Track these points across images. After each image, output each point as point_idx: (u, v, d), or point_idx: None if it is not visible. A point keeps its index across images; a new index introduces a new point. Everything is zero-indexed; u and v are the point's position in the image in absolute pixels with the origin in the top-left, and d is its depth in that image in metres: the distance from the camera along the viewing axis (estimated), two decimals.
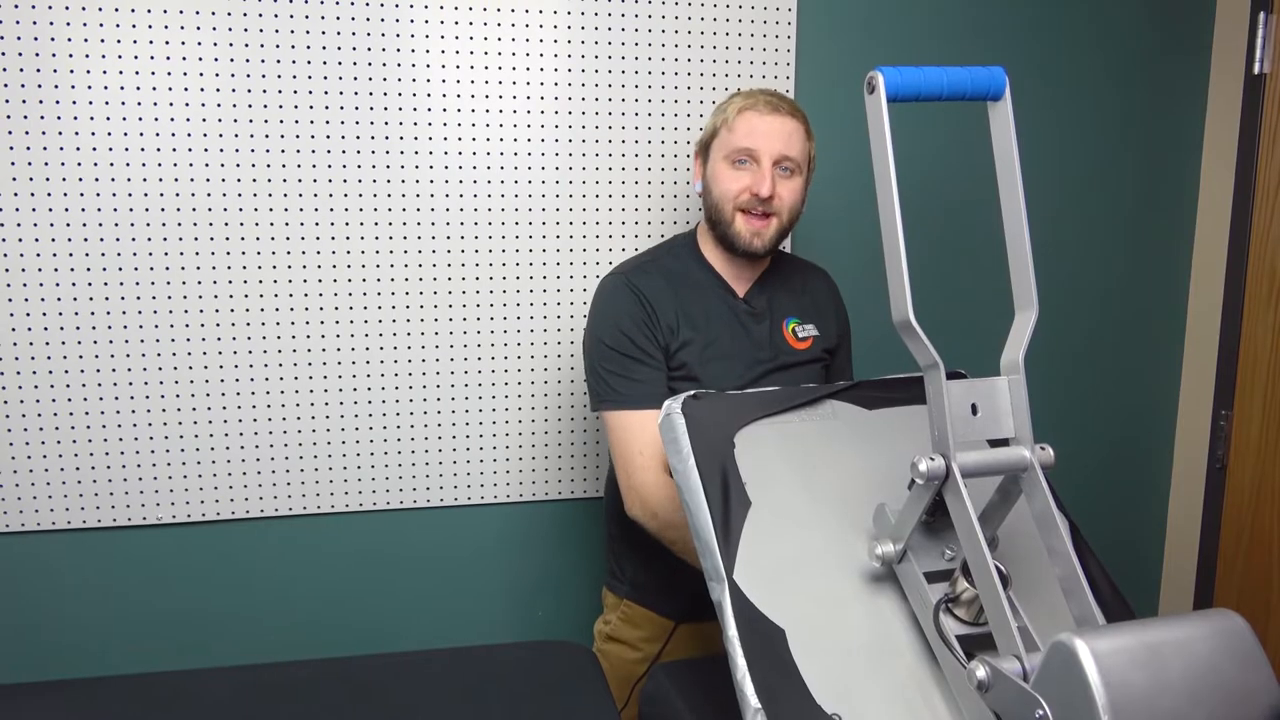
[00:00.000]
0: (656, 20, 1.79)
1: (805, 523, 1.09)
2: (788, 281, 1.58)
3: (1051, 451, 0.96)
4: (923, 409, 0.96)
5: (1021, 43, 2.00)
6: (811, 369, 1.56)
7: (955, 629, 0.97)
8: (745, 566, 1.04)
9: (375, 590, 1.86)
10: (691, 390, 1.18)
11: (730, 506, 1.07)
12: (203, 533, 1.76)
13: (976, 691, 0.89)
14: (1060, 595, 0.95)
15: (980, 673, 0.88)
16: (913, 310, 0.92)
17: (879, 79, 0.92)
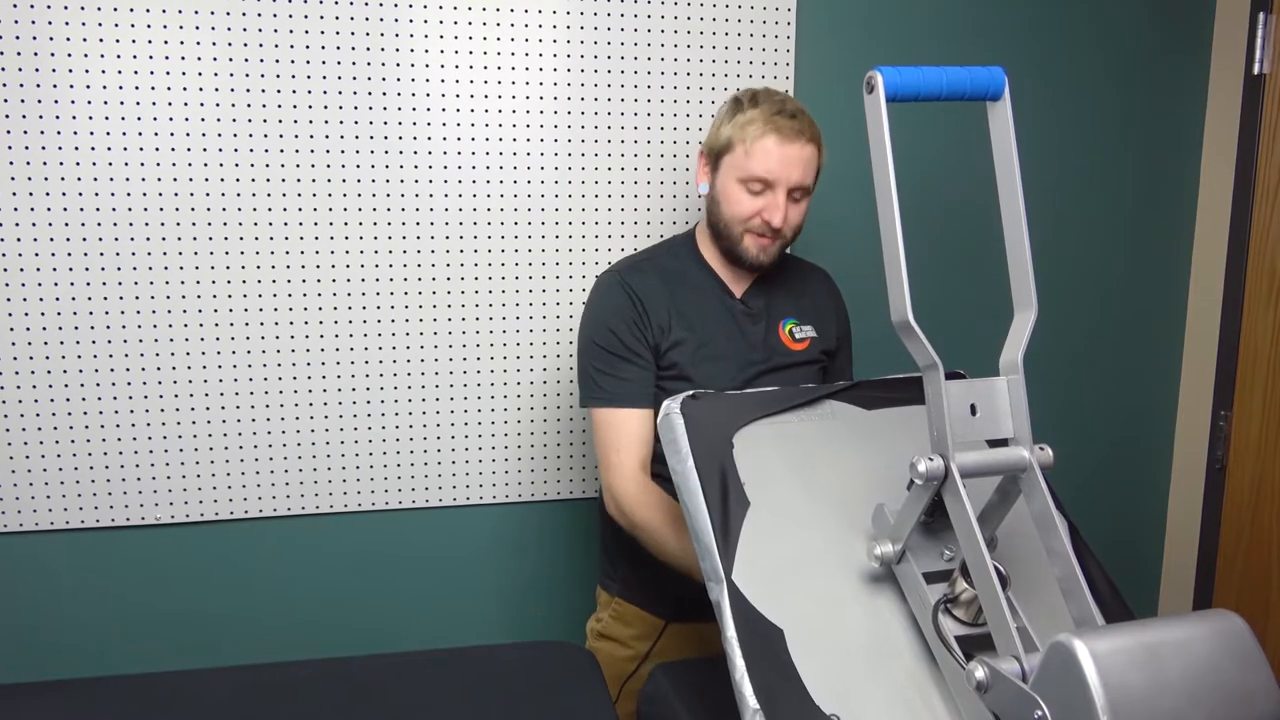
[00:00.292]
0: (655, 20, 1.78)
1: (804, 523, 1.09)
2: (787, 282, 1.58)
3: (1050, 452, 0.96)
4: (922, 409, 0.96)
5: (1021, 42, 2.00)
6: (808, 370, 1.55)
7: (954, 629, 0.97)
8: (744, 567, 1.03)
9: (372, 590, 1.86)
10: (688, 390, 1.18)
11: (729, 507, 1.07)
12: (201, 533, 1.77)
13: (975, 692, 0.89)
14: (1059, 596, 0.95)
15: (979, 673, 0.88)
16: (912, 310, 0.92)
17: (878, 79, 0.92)
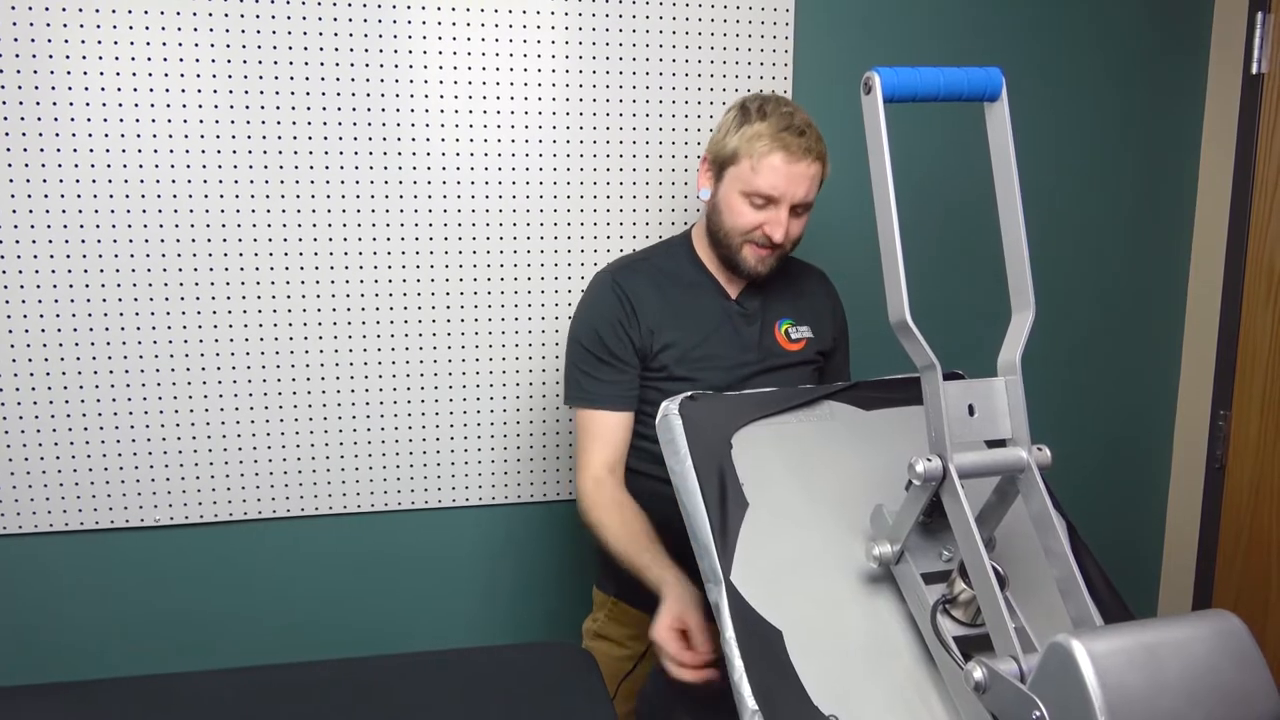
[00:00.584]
0: (654, 20, 1.78)
1: (803, 524, 1.09)
2: (783, 283, 1.57)
3: (1049, 452, 0.96)
4: (920, 410, 0.95)
5: (1020, 42, 2.00)
6: (802, 371, 1.55)
7: (953, 630, 0.96)
8: (743, 568, 1.03)
9: (371, 591, 1.86)
10: (680, 391, 1.18)
11: (728, 508, 1.07)
12: (201, 535, 1.77)
13: (974, 693, 0.89)
14: (1057, 596, 0.95)
15: (977, 674, 0.88)
16: (909, 311, 0.92)
17: (875, 79, 0.92)
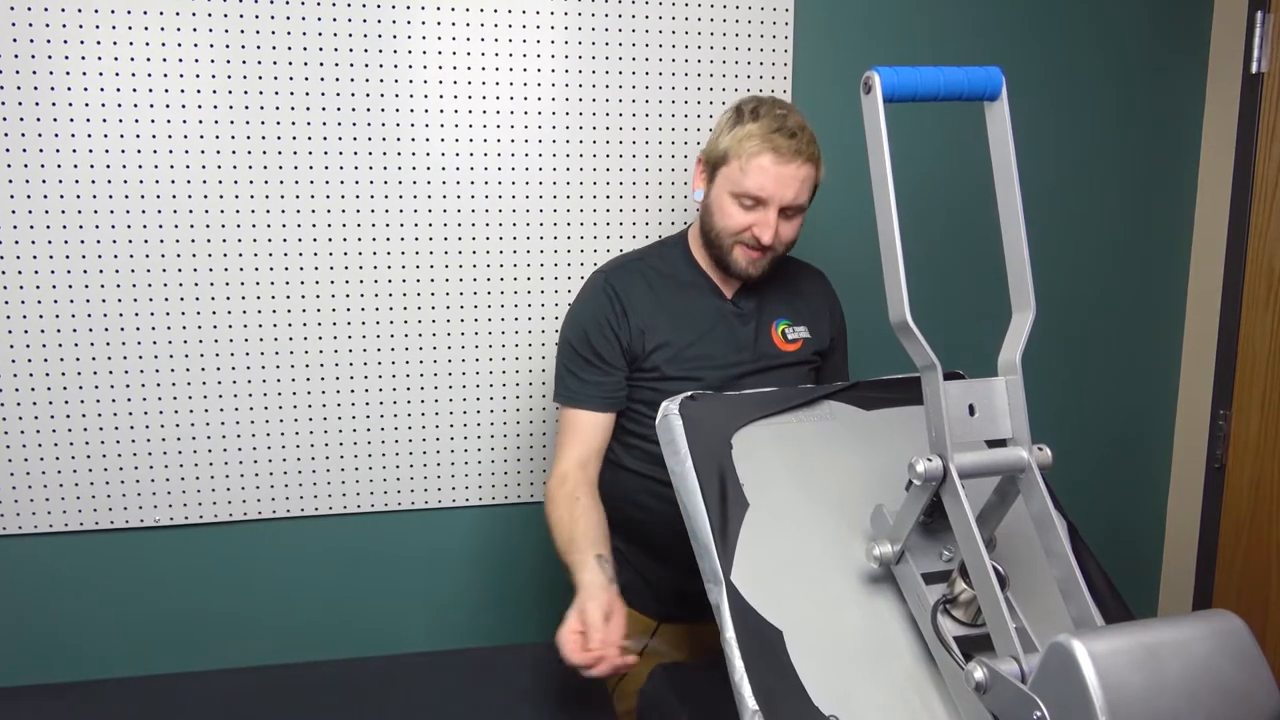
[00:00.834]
0: (653, 20, 1.78)
1: (803, 524, 1.09)
2: (780, 282, 1.57)
3: (1049, 452, 0.96)
4: (920, 410, 0.95)
5: (1019, 42, 2.00)
6: (799, 371, 1.55)
7: (953, 630, 0.96)
8: (743, 568, 1.03)
9: (371, 592, 1.86)
10: (672, 391, 1.18)
11: (728, 508, 1.07)
12: (200, 535, 1.76)
13: (974, 693, 0.89)
14: (1058, 596, 0.95)
15: (978, 674, 0.88)
16: (910, 311, 0.92)
17: (875, 79, 0.92)
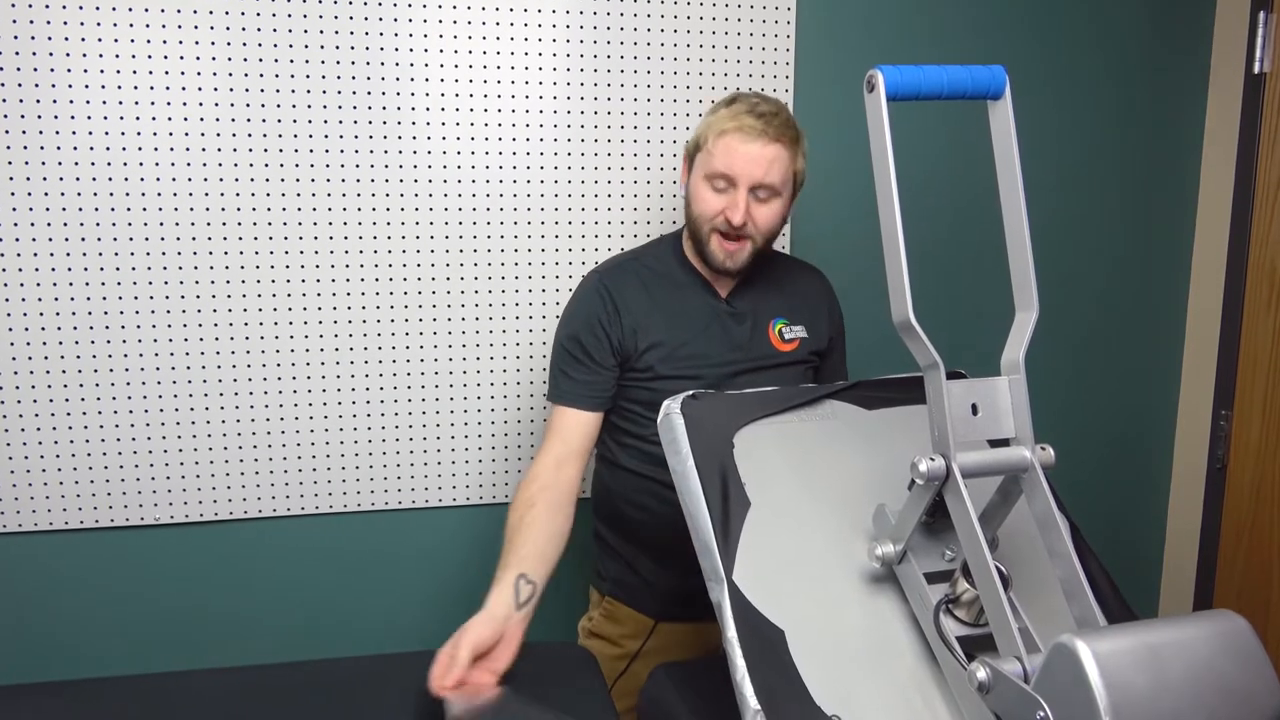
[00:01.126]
0: (655, 19, 1.78)
1: (805, 523, 1.09)
2: (777, 281, 1.57)
3: (1052, 452, 0.96)
4: (922, 409, 0.95)
5: (1021, 42, 2.00)
6: (795, 370, 1.54)
7: (955, 630, 0.96)
8: (745, 567, 1.03)
9: (372, 590, 1.86)
10: (665, 391, 1.18)
11: (729, 507, 1.07)
12: (199, 533, 1.76)
13: (977, 693, 0.89)
14: (1061, 596, 0.95)
15: (981, 674, 0.88)
16: (913, 310, 0.92)
17: (879, 78, 0.92)
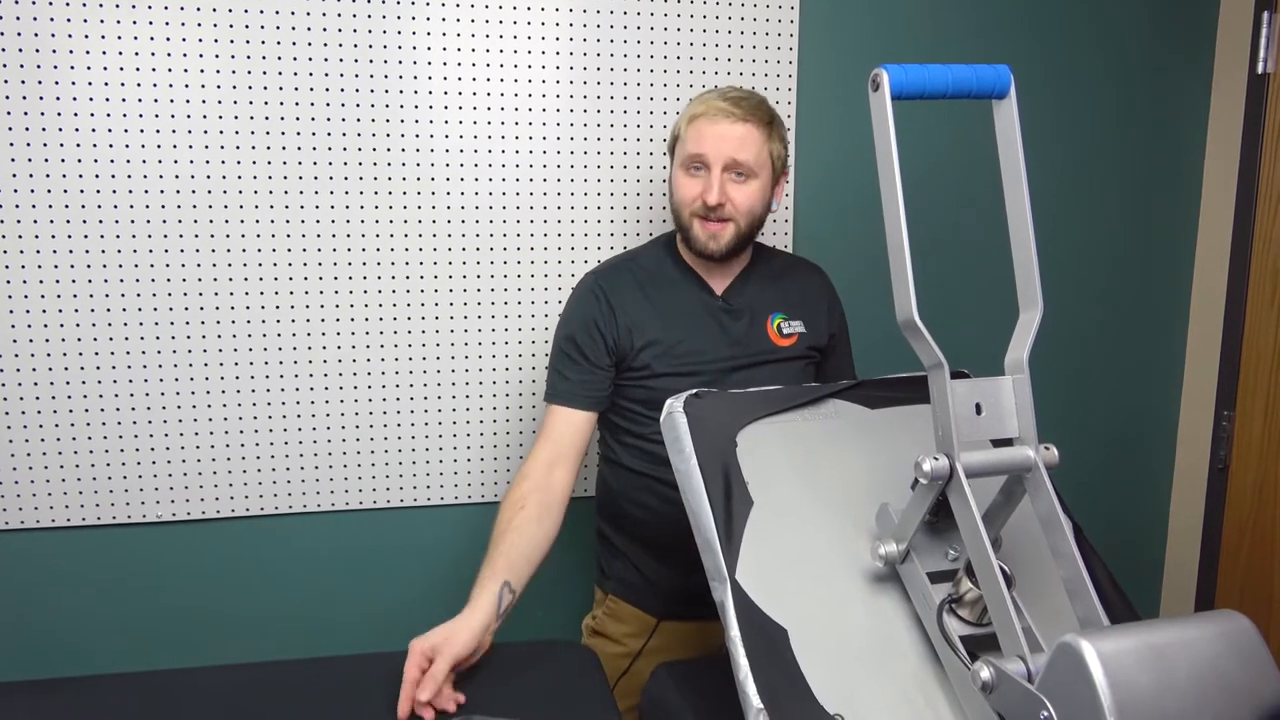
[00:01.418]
0: (657, 18, 1.78)
1: (808, 522, 1.09)
2: (774, 278, 1.58)
3: (1055, 451, 0.96)
4: (926, 408, 0.95)
5: (1024, 42, 2.00)
6: (794, 366, 1.55)
7: (959, 629, 0.96)
8: (748, 566, 1.03)
9: (372, 588, 1.86)
10: (663, 389, 1.18)
11: (732, 506, 1.07)
12: (200, 531, 1.76)
13: (981, 693, 0.89)
14: (1064, 596, 0.95)
15: (985, 674, 0.88)
16: (917, 309, 0.92)
17: (884, 77, 0.92)
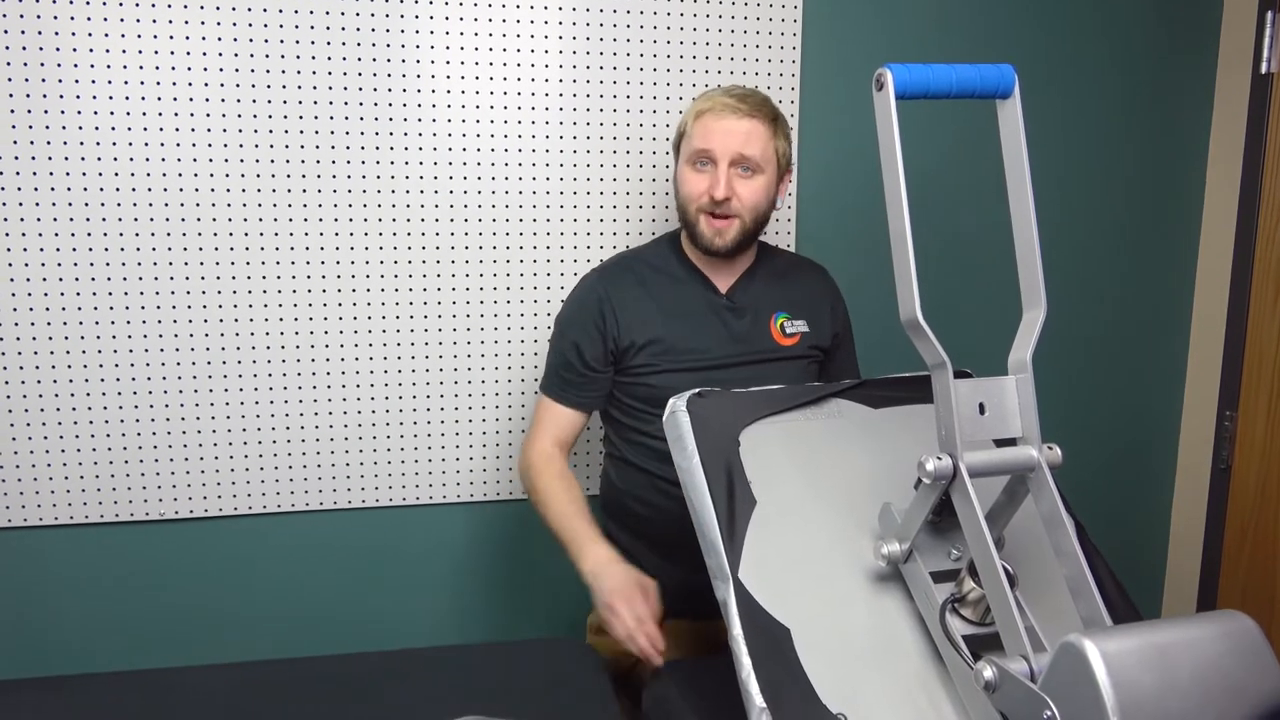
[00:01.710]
0: (660, 17, 1.78)
1: (811, 521, 1.09)
2: (777, 276, 1.58)
3: (1059, 451, 0.96)
4: (929, 408, 0.95)
5: (1027, 42, 2.00)
6: (796, 365, 1.55)
7: (962, 629, 0.96)
8: (750, 565, 1.03)
9: (373, 587, 1.86)
10: (663, 387, 1.18)
11: (735, 505, 1.07)
12: (200, 529, 1.76)
13: (984, 692, 0.89)
14: (1067, 596, 0.95)
15: (987, 673, 0.88)
16: (920, 309, 0.92)
17: (888, 76, 0.92)
